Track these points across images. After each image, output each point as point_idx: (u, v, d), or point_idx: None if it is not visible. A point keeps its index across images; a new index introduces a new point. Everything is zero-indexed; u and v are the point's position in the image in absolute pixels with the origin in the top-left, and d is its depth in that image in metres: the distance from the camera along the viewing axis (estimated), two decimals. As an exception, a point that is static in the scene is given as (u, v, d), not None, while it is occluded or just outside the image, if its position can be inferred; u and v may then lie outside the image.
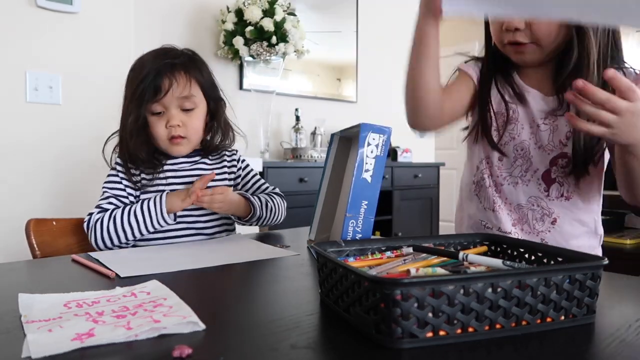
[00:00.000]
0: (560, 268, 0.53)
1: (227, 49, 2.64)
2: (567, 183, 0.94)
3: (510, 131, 0.96)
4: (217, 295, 0.69)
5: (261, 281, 0.76)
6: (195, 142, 1.17)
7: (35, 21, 1.70)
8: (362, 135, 0.87)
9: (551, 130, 0.93)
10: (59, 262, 0.89)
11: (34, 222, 1.09)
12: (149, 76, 1.06)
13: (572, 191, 0.95)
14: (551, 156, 0.94)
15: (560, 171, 0.93)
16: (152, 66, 1.08)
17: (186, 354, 0.45)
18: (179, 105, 1.10)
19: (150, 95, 1.07)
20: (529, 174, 0.96)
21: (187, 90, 1.10)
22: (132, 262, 0.87)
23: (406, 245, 0.70)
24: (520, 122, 0.95)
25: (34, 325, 0.52)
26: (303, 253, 0.96)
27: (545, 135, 0.93)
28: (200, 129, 1.16)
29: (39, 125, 1.72)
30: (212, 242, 1.09)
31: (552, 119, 0.93)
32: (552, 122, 0.93)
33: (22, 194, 1.67)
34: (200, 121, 1.15)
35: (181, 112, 1.11)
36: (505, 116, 0.96)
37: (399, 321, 0.46)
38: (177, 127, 1.10)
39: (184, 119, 1.11)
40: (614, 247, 2.74)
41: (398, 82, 3.80)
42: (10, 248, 1.58)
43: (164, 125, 1.10)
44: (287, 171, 2.63)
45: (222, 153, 1.24)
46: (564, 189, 0.95)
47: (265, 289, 0.71)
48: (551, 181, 0.94)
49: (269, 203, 1.19)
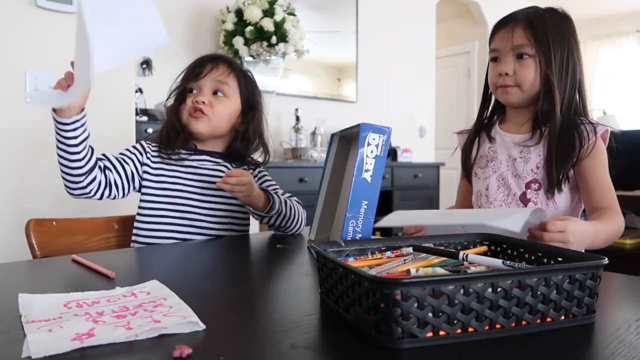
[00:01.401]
0: (560, 268, 0.53)
1: (227, 49, 2.63)
2: (540, 202, 1.10)
3: (492, 166, 1.17)
4: (217, 295, 0.69)
5: (261, 281, 0.76)
6: (215, 126, 1.19)
7: (35, 21, 1.69)
8: (362, 135, 0.87)
9: (525, 161, 1.12)
10: (59, 262, 0.89)
11: (34, 222, 1.09)
12: (197, 62, 1.21)
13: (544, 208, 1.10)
14: (525, 182, 1.11)
15: (533, 193, 1.11)
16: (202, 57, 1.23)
17: (186, 354, 0.45)
18: (212, 87, 1.19)
19: (192, 75, 1.19)
20: (510, 197, 1.13)
21: (224, 76, 1.20)
22: None
23: (406, 245, 0.70)
24: (499, 158, 1.16)
25: (34, 325, 0.52)
26: (303, 253, 0.96)
27: (520, 165, 1.12)
28: (224, 117, 1.20)
29: (39, 125, 1.72)
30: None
31: (526, 151, 1.12)
32: (525, 155, 1.12)
33: (22, 194, 1.67)
34: (227, 110, 1.20)
35: (211, 95, 1.19)
36: (488, 157, 1.18)
37: (399, 321, 0.46)
38: (202, 103, 1.17)
39: (212, 100, 1.19)
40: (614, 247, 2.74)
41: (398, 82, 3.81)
42: (10, 248, 1.58)
43: (192, 100, 1.18)
44: (287, 171, 2.63)
45: (248, 165, 1.25)
46: (538, 206, 1.10)
47: (265, 289, 0.71)
48: (527, 201, 1.11)
49: (287, 202, 1.18)
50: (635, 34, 5.77)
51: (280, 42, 2.57)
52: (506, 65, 1.09)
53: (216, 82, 1.19)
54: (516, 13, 1.11)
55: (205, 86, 1.19)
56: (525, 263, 0.66)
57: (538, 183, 1.10)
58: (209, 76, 1.18)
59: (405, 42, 3.94)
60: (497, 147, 1.18)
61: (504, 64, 1.10)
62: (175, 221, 1.14)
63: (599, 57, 5.86)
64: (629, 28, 5.73)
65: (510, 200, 1.13)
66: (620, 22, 5.67)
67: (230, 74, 1.21)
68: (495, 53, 1.13)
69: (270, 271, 0.82)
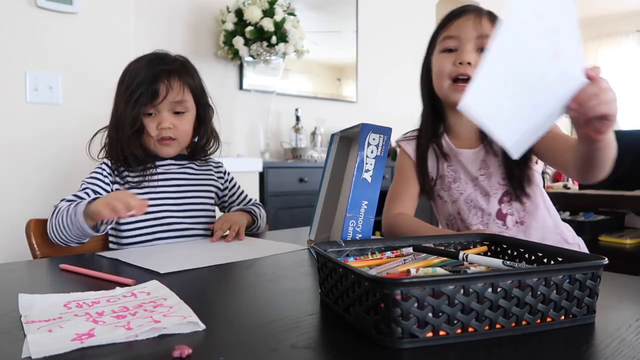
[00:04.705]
0: (560, 268, 0.53)
1: (227, 49, 2.63)
2: (517, 211, 1.07)
3: (457, 189, 1.10)
4: (217, 295, 0.69)
5: (261, 281, 0.76)
6: (183, 145, 1.21)
7: (35, 21, 1.69)
8: (362, 135, 0.87)
9: (487, 177, 1.07)
10: (59, 262, 0.89)
11: (34, 222, 1.09)
12: (146, 81, 1.10)
13: (522, 216, 1.07)
14: (496, 198, 1.06)
15: (508, 207, 1.07)
16: (148, 72, 1.11)
17: (186, 354, 0.45)
18: (170, 108, 1.14)
19: (147, 100, 1.10)
20: (485, 218, 1.08)
21: (181, 95, 1.14)
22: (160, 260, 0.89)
23: (406, 245, 0.70)
24: (463, 179, 1.09)
25: (34, 325, 0.52)
26: (303, 253, 0.96)
27: (485, 183, 1.06)
28: (189, 133, 1.20)
29: (39, 125, 1.72)
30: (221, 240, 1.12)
31: (485, 167, 1.07)
32: (486, 171, 1.07)
33: (22, 194, 1.67)
34: (189, 125, 1.19)
35: (172, 115, 1.15)
36: (449, 178, 1.10)
37: (399, 321, 0.46)
38: (167, 129, 1.14)
39: (175, 121, 1.15)
40: (614, 247, 2.74)
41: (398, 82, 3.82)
42: (10, 248, 1.58)
43: (155, 127, 1.14)
44: (287, 171, 2.63)
45: (209, 161, 1.30)
46: (516, 216, 1.07)
47: (265, 289, 0.71)
48: (504, 217, 1.07)
49: (260, 213, 1.30)
50: (635, 34, 5.78)
51: (280, 42, 2.57)
52: (468, 54, 0.98)
53: (174, 103, 1.13)
54: (475, 6, 1.04)
55: (164, 109, 1.13)
56: (525, 263, 0.66)
57: (509, 195, 1.05)
58: (167, 99, 1.11)
59: (405, 42, 3.94)
60: (457, 167, 1.09)
61: (466, 52, 0.98)
62: (153, 230, 1.14)
63: (599, 57, 5.86)
64: (629, 28, 5.74)
65: (487, 221, 1.07)
66: (620, 22, 5.68)
67: (184, 87, 1.15)
68: (451, 41, 1.01)
69: (270, 271, 0.82)
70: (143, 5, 2.39)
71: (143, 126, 1.13)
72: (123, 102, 1.12)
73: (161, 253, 0.97)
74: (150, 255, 0.94)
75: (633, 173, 2.65)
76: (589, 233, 2.84)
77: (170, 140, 1.15)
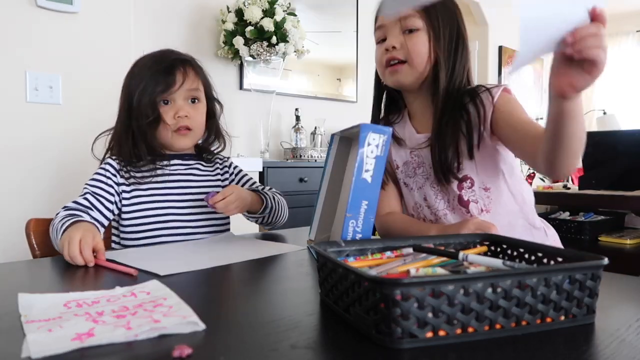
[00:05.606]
0: (560, 268, 0.53)
1: (227, 49, 2.63)
2: (481, 198, 1.04)
3: (422, 174, 1.09)
4: (217, 295, 0.69)
5: (261, 281, 0.76)
6: (198, 137, 1.20)
7: (35, 21, 1.69)
8: (362, 135, 0.86)
9: None
10: (59, 262, 0.89)
11: (34, 222, 1.09)
12: (162, 70, 1.11)
13: (487, 203, 1.05)
14: (454, 184, 1.04)
15: (470, 192, 1.04)
16: (163, 61, 1.12)
17: (186, 354, 0.45)
18: (186, 97, 1.14)
19: (165, 87, 1.10)
20: (451, 203, 1.06)
21: (196, 83, 1.15)
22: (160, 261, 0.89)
23: (406, 246, 0.70)
24: (427, 163, 1.07)
25: (34, 325, 0.52)
26: (303, 253, 0.96)
27: None
28: (203, 124, 1.19)
29: (39, 125, 1.72)
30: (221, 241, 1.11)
31: None
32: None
33: (22, 194, 1.67)
34: (203, 117, 1.19)
35: (188, 104, 1.15)
36: (414, 163, 1.10)
37: (399, 321, 0.46)
38: (185, 117, 1.13)
39: (191, 111, 1.15)
40: (614, 247, 2.74)
41: (398, 82, 3.62)
42: (10, 248, 1.58)
43: (173, 116, 1.13)
44: (287, 171, 2.63)
45: (215, 159, 1.27)
46: (481, 204, 1.05)
47: (265, 289, 0.71)
48: (467, 203, 1.05)
49: (275, 196, 1.22)
50: (635, 34, 5.78)
51: (280, 42, 2.57)
52: (393, 39, 1.02)
53: (190, 91, 1.14)
54: None
55: (179, 97, 1.13)
56: (525, 263, 0.66)
57: (470, 179, 1.04)
58: (183, 86, 1.12)
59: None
60: (419, 152, 1.09)
61: (391, 37, 1.02)
62: (157, 233, 1.13)
63: (599, 57, 5.85)
64: (629, 28, 5.74)
65: (453, 207, 1.06)
66: (620, 22, 5.67)
67: (197, 75, 1.16)
68: (380, 32, 1.05)
69: (270, 271, 0.82)
70: (143, 5, 2.39)
71: (160, 116, 1.12)
72: (138, 93, 1.11)
73: (161, 254, 0.97)
74: (151, 256, 0.94)
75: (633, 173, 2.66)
76: (589, 233, 2.84)
77: (187, 131, 1.15)
